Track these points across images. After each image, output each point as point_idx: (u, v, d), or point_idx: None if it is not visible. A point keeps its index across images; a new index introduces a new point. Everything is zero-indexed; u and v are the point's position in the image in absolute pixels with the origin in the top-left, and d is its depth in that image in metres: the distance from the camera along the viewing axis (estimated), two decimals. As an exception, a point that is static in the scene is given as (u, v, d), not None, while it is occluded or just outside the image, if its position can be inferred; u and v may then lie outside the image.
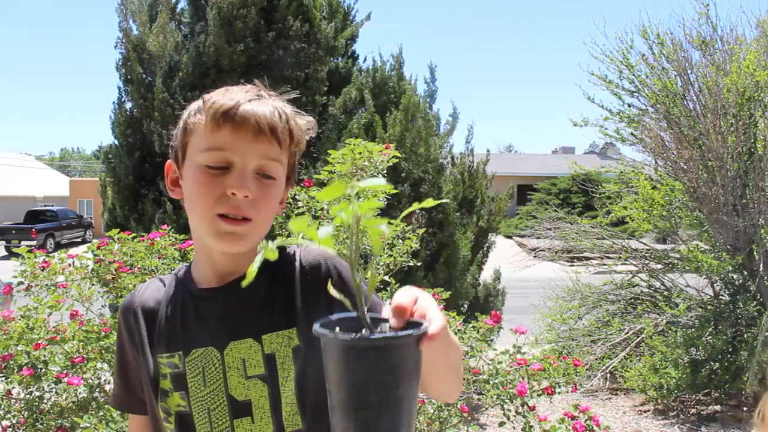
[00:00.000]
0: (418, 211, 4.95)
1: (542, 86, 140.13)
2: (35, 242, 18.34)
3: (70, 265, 2.75)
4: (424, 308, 0.65)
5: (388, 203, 2.87)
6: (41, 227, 20.07)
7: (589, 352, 5.55)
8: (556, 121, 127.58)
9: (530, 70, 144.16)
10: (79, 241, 22.42)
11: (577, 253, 7.13)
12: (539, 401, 2.86)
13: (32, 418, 2.31)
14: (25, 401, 2.35)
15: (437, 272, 5.09)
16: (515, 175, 23.97)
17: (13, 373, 2.29)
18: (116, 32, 5.86)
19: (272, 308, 0.94)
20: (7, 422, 2.37)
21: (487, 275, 6.09)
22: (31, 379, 2.29)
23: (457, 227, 5.40)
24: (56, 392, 2.36)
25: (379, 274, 3.05)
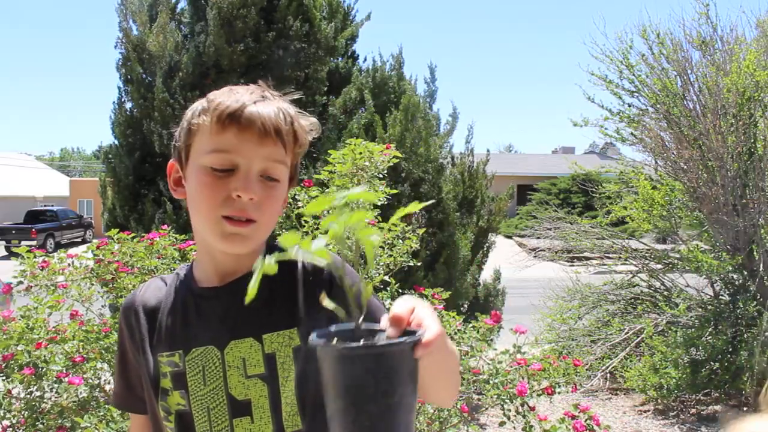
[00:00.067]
0: (418, 210, 4.95)
1: (542, 86, 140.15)
2: (35, 242, 18.32)
3: (69, 265, 2.76)
4: (420, 317, 0.66)
5: (388, 203, 2.86)
6: (41, 227, 20.07)
7: (589, 352, 5.55)
8: (556, 121, 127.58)
9: (530, 70, 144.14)
10: (79, 241, 22.41)
11: (577, 253, 7.13)
12: (539, 401, 2.86)
13: (32, 417, 2.31)
14: (25, 401, 2.35)
15: (437, 272, 5.08)
16: (515, 175, 23.97)
17: (13, 372, 2.29)
18: (116, 32, 5.86)
19: (273, 308, 0.94)
20: (7, 422, 2.37)
21: (487, 275, 6.09)
22: (32, 378, 2.29)
23: (457, 227, 5.40)
24: (57, 392, 2.36)
25: (379, 274, 3.05)
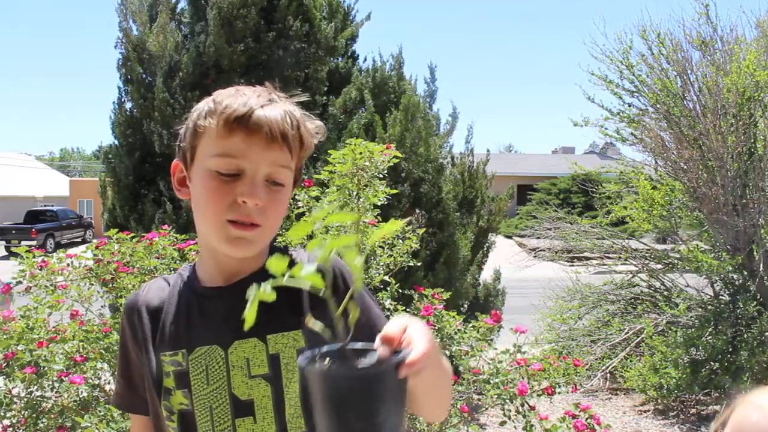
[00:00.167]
0: (417, 210, 4.94)
1: (542, 86, 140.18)
2: (35, 242, 18.32)
3: (68, 265, 2.75)
4: (411, 337, 0.67)
5: (388, 203, 2.86)
6: (41, 227, 20.07)
7: (589, 352, 5.55)
8: (556, 121, 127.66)
9: (530, 70, 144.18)
10: (79, 241, 22.42)
11: (577, 253, 7.13)
12: (539, 401, 2.86)
13: (33, 417, 2.31)
14: (25, 400, 2.35)
15: (437, 272, 5.08)
16: (515, 175, 23.97)
17: (14, 371, 2.29)
18: (116, 32, 5.85)
19: (279, 309, 0.94)
20: (7, 421, 2.37)
21: (487, 275, 6.08)
22: (33, 377, 2.29)
23: (457, 227, 5.39)
24: (57, 391, 2.36)
25: (379, 274, 3.05)
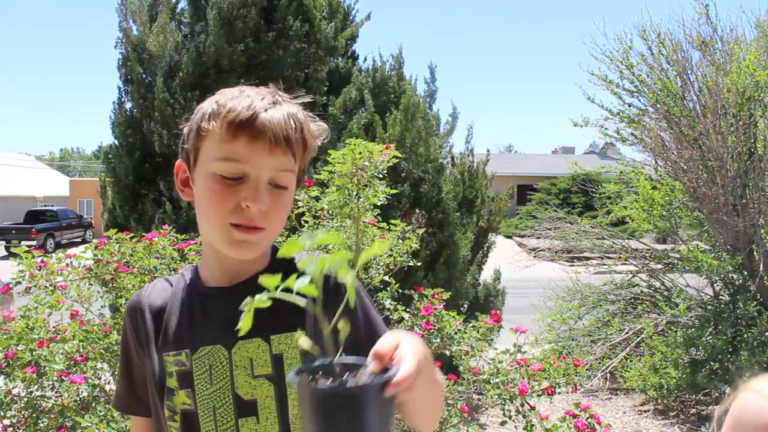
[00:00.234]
0: (417, 210, 4.94)
1: (542, 86, 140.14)
2: (35, 242, 18.34)
3: (68, 265, 2.75)
4: (401, 355, 0.67)
5: (388, 203, 2.86)
6: (41, 227, 20.07)
7: (589, 352, 5.55)
8: (556, 121, 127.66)
9: (530, 70, 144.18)
10: (79, 241, 22.41)
11: (577, 253, 7.13)
12: (539, 401, 2.86)
13: (33, 417, 2.31)
14: (26, 400, 2.35)
15: (437, 272, 5.08)
16: (515, 175, 23.97)
17: (14, 371, 2.29)
18: (116, 32, 5.85)
19: (282, 310, 0.94)
20: (7, 421, 2.37)
21: (487, 275, 6.08)
22: (33, 377, 2.29)
23: (457, 227, 5.39)
24: (57, 391, 2.36)
25: (379, 274, 3.05)
